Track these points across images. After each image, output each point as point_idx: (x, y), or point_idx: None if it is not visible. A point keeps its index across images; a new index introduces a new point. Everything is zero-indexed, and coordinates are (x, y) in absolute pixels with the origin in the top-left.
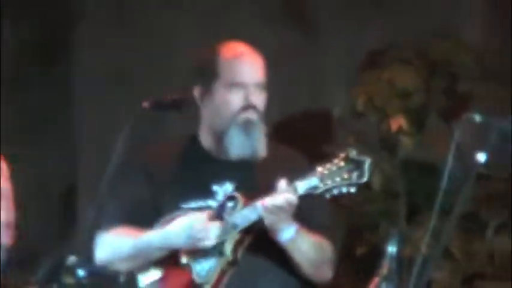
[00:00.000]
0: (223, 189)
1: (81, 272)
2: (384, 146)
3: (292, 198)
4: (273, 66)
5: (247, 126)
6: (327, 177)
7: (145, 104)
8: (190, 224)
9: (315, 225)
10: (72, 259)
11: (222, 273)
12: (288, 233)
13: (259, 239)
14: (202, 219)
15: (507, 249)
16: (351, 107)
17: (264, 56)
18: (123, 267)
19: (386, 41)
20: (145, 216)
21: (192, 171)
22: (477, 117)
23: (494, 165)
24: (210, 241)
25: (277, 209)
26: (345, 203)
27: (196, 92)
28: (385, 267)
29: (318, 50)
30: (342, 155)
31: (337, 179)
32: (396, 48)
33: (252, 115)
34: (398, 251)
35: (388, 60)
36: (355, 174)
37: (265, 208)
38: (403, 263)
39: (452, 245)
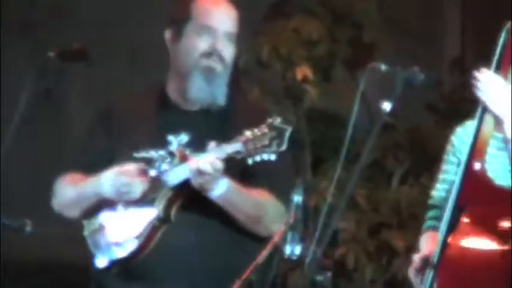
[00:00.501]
0: (178, 140)
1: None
2: (289, 95)
3: (217, 162)
4: None
5: (209, 73)
6: (251, 142)
7: (51, 53)
8: (117, 176)
9: (258, 181)
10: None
11: (154, 229)
12: (219, 190)
13: (192, 197)
14: (130, 173)
15: (412, 198)
16: (255, 57)
17: None
18: (70, 214)
19: None
20: (100, 165)
21: (151, 121)
22: (382, 67)
23: (399, 115)
24: (133, 195)
25: (202, 172)
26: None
27: (167, 35)
28: (291, 217)
29: None
30: (269, 121)
31: (259, 145)
32: None
33: (215, 63)
34: (304, 201)
35: (292, 10)
36: (275, 142)
37: (191, 170)
38: (308, 212)
39: (358, 195)
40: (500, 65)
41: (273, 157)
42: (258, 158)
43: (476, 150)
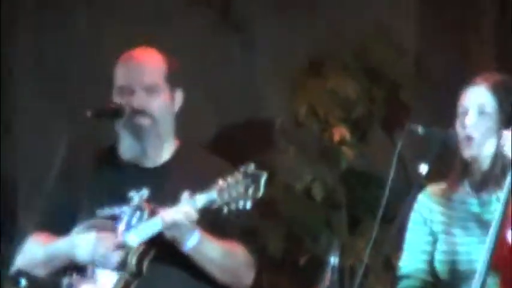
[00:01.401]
0: (140, 195)
1: (23, 282)
2: (326, 156)
3: (191, 212)
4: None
5: (135, 130)
6: (225, 191)
7: (88, 113)
8: (94, 246)
9: (229, 231)
10: (14, 268)
11: (126, 285)
12: (191, 242)
13: (165, 249)
14: (108, 244)
15: None
16: (292, 117)
17: (204, 65)
18: (40, 272)
19: (324, 47)
20: (63, 222)
21: (110, 177)
22: (420, 129)
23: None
24: (110, 266)
25: (176, 224)
26: (286, 213)
27: None
28: (327, 278)
29: (258, 59)
30: (242, 169)
31: (234, 193)
32: (335, 57)
33: (139, 120)
34: (340, 262)
35: (328, 69)
36: (251, 189)
37: (165, 223)
38: (344, 273)
39: (394, 257)
40: None
41: (249, 204)
42: (233, 207)
43: (506, 217)
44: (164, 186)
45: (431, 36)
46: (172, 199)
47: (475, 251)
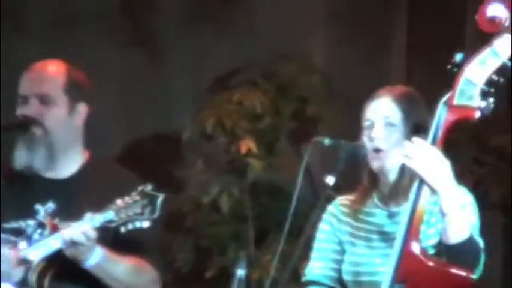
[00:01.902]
0: (45, 209)
1: None
2: (233, 168)
3: (90, 231)
4: (120, 89)
5: (27, 139)
6: (123, 211)
7: None
8: None
9: (134, 247)
10: None
11: None
12: (93, 260)
13: (66, 266)
14: (8, 263)
15: None
16: (200, 130)
17: (112, 78)
18: None
19: (234, 63)
20: None
21: (19, 190)
22: (326, 141)
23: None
24: (10, 283)
25: (75, 242)
26: (193, 226)
27: None
28: None
29: (166, 73)
30: (140, 188)
31: (131, 213)
32: (244, 71)
33: (31, 129)
34: (247, 275)
35: (237, 83)
36: (148, 209)
37: (64, 241)
38: (251, 286)
39: (301, 268)
40: (437, 138)
41: (146, 224)
42: (130, 226)
43: (412, 227)
44: (71, 199)
45: (339, 51)
46: (78, 213)
47: (378, 263)
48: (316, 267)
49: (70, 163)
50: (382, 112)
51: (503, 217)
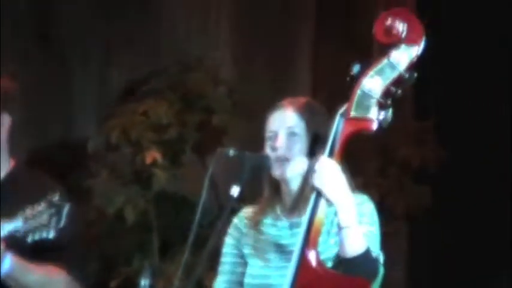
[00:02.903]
0: None
1: None
2: (138, 179)
3: None
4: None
5: None
6: (31, 221)
7: None
8: None
9: (47, 256)
10: None
11: None
12: (3, 268)
13: None
14: None
15: None
16: (105, 140)
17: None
18: None
19: (139, 73)
20: None
21: None
22: (231, 152)
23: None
24: None
25: None
26: (98, 234)
27: None
28: None
29: (71, 82)
30: (49, 197)
31: (37, 223)
32: (150, 81)
33: None
34: (151, 285)
35: (142, 93)
36: (54, 219)
37: None
38: None
39: (206, 279)
40: (335, 149)
41: (51, 235)
42: (37, 236)
43: (310, 238)
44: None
45: (245, 62)
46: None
47: (273, 276)
48: (221, 282)
49: None
50: (285, 122)
51: (407, 228)
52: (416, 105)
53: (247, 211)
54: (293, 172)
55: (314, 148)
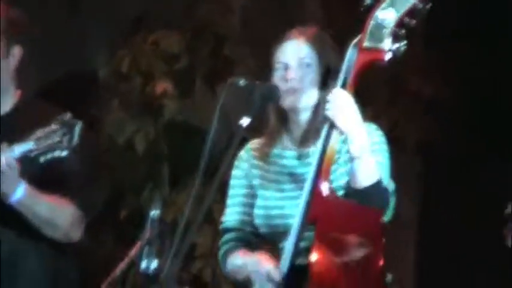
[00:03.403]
0: None
1: None
2: (149, 109)
3: (10, 160)
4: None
5: None
6: (42, 140)
7: None
8: None
9: (63, 188)
10: None
11: None
12: (17, 195)
13: None
14: None
15: None
16: (115, 70)
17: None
18: None
19: (149, 4)
20: None
21: None
22: (241, 82)
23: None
24: None
25: None
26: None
27: None
28: (148, 231)
29: (81, 13)
30: (59, 117)
31: (50, 142)
32: (160, 12)
33: None
34: (161, 215)
35: (154, 24)
36: (66, 138)
37: None
38: (166, 227)
39: (215, 210)
40: (348, 80)
41: (64, 153)
42: (49, 156)
43: (322, 169)
44: (5, 136)
45: None
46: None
47: (288, 206)
48: (233, 214)
49: (5, 102)
50: (297, 53)
51: (419, 160)
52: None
53: (254, 143)
54: (304, 103)
55: (326, 80)
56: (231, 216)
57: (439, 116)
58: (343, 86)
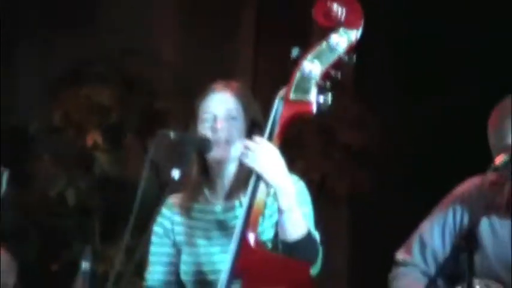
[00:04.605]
0: None
1: None
2: (80, 162)
3: None
4: None
5: None
6: None
7: None
8: None
9: None
10: None
11: None
12: None
13: None
14: None
15: None
16: (47, 123)
17: None
18: None
19: (81, 58)
20: None
21: None
22: (171, 134)
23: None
24: None
25: None
26: (38, 219)
27: None
28: (79, 284)
29: (13, 66)
30: None
31: None
32: (92, 65)
33: None
34: (92, 268)
35: (86, 77)
36: None
37: None
38: (97, 279)
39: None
40: (274, 133)
41: None
42: None
43: (250, 220)
44: None
45: (190, 49)
46: None
47: (219, 260)
48: (156, 273)
49: None
50: (224, 105)
51: (348, 211)
52: (358, 89)
53: (174, 197)
54: (232, 155)
55: (251, 133)
56: (154, 275)
57: (370, 168)
58: (270, 138)
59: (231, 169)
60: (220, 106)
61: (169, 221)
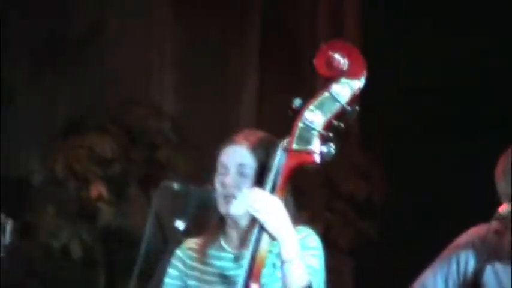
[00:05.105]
0: None
1: None
2: (84, 214)
3: None
4: None
5: None
6: None
7: None
8: None
9: None
10: None
11: None
12: None
13: None
14: None
15: None
16: (50, 175)
17: None
18: None
19: (82, 108)
20: None
21: None
22: (175, 185)
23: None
24: None
25: None
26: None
27: None
28: None
29: (14, 117)
30: None
31: None
32: (93, 116)
33: None
34: None
35: (87, 128)
36: None
37: None
38: None
39: None
40: (277, 184)
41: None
42: None
43: (253, 271)
44: None
45: (190, 100)
46: None
47: None
48: None
49: None
50: (237, 160)
51: (352, 262)
52: (363, 139)
53: (190, 243)
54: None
55: (261, 180)
56: None
57: (374, 218)
58: (273, 189)
59: (242, 222)
60: (234, 161)
61: (182, 263)
